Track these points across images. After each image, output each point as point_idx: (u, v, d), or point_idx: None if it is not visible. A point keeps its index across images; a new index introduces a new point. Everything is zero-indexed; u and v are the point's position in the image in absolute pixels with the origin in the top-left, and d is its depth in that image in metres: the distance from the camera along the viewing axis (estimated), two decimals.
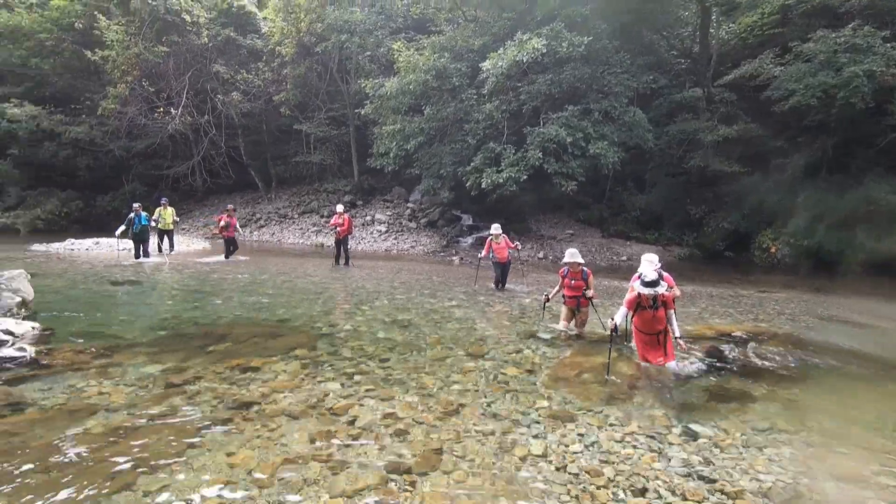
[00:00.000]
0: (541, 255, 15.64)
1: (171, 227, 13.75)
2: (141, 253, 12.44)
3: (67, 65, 21.84)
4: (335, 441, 3.52)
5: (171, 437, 3.50)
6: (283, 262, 13.66)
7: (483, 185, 14.45)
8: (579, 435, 3.74)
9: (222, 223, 13.10)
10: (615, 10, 16.50)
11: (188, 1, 20.34)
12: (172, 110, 20.49)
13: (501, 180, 13.94)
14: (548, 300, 6.90)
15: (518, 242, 10.77)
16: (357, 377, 4.79)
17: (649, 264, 5.33)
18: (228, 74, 20.85)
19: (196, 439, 3.49)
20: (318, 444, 3.48)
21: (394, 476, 3.12)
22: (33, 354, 4.71)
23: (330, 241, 18.84)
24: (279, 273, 11.51)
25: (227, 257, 13.27)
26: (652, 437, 3.74)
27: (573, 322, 6.64)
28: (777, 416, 4.19)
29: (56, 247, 15.14)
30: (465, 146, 15.82)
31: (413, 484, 3.03)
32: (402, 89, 15.86)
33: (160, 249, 13.74)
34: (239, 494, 2.88)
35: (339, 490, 2.95)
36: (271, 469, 3.14)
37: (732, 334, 6.68)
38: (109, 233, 17.78)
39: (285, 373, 4.84)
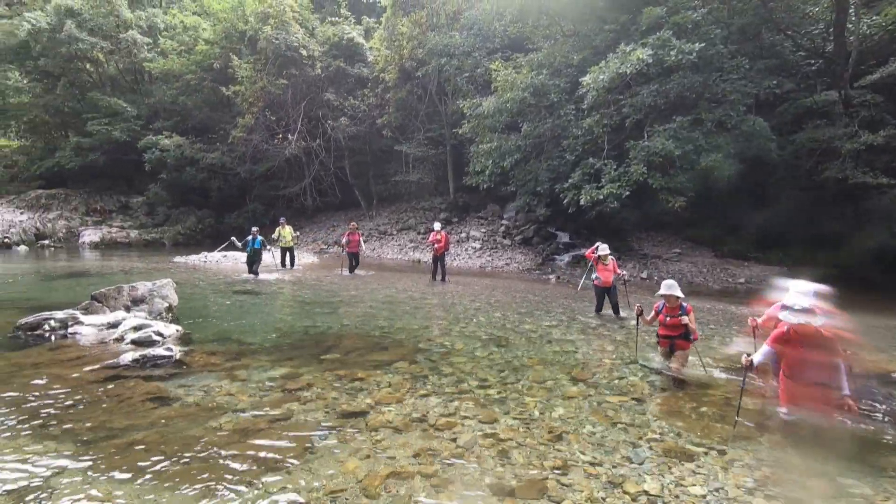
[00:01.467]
0: (644, 274, 14.71)
1: (292, 244, 14.93)
2: (251, 273, 13.21)
3: (206, 100, 25.10)
4: (438, 458, 3.54)
5: (289, 441, 3.75)
6: (382, 276, 14.26)
7: (582, 202, 14.01)
8: (700, 476, 3.40)
9: (344, 240, 14.05)
10: (731, 13, 15.30)
11: (305, 37, 22.46)
12: (289, 136, 22.60)
13: (602, 197, 13.41)
14: (640, 311, 5.92)
15: (624, 272, 9.88)
16: (457, 395, 4.80)
17: (802, 296, 3.97)
18: (338, 101, 22.58)
19: (311, 445, 3.70)
20: (421, 459, 3.53)
21: (498, 499, 3.05)
22: (178, 355, 5.35)
23: (426, 256, 19.37)
24: (381, 287, 12.04)
25: (350, 272, 14.04)
26: (791, 489, 3.28)
27: (672, 362, 5.82)
28: None
29: (192, 259, 17.24)
30: (562, 162, 15.50)
31: None
32: (500, 108, 16.00)
33: (283, 265, 14.87)
34: (350, 501, 2.99)
35: None
36: (379, 480, 3.23)
37: (893, 374, 5.71)
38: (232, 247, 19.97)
39: (389, 385, 5.00)
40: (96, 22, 24.29)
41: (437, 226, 13.06)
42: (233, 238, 13.63)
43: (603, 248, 8.90)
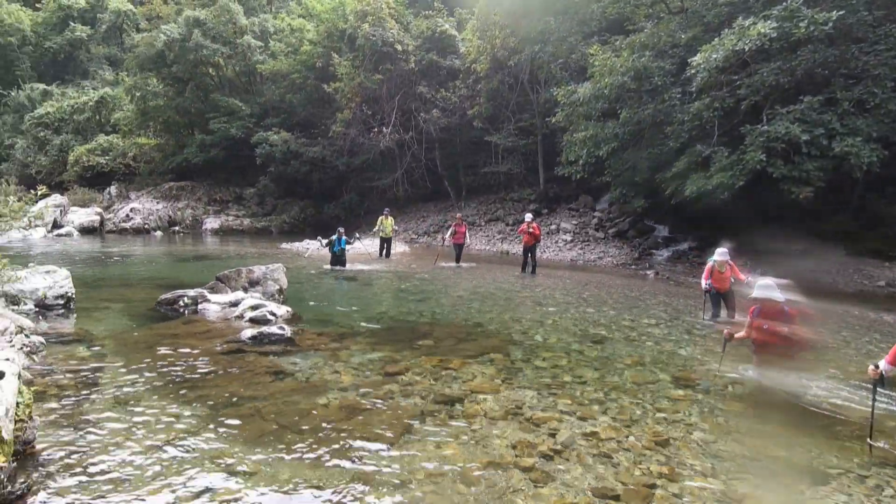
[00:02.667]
0: (758, 272, 13.31)
1: (391, 234, 15.46)
2: (335, 266, 13.02)
3: (309, 97, 26.78)
4: (536, 451, 3.49)
5: (390, 421, 3.90)
6: (472, 267, 14.31)
7: (686, 193, 12.97)
8: (838, 502, 3.01)
9: (450, 231, 14.24)
10: None
11: (400, 32, 23.07)
12: (384, 129, 23.43)
13: (710, 187, 12.30)
14: (730, 337, 5.17)
15: (750, 276, 8.10)
16: (553, 389, 4.70)
17: None
18: (430, 94, 22.97)
19: (409, 427, 3.83)
20: (519, 451, 3.50)
21: (601, 502, 2.94)
22: (289, 333, 5.80)
23: (514, 248, 19.18)
24: (471, 278, 12.13)
25: (457, 262, 14.22)
26: None
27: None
28: None
29: (296, 245, 18.59)
30: (664, 150, 14.43)
31: None
32: (596, 94, 15.26)
33: (381, 255, 15.43)
34: (447, 486, 3.05)
35: (543, 502, 2.90)
36: (477, 468, 3.26)
37: None
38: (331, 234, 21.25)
39: (483, 375, 5.02)
40: (218, 30, 26.85)
41: (528, 216, 12.84)
42: (319, 238, 14.18)
43: (720, 254, 7.59)
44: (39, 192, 5.08)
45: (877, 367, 3.65)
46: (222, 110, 26.83)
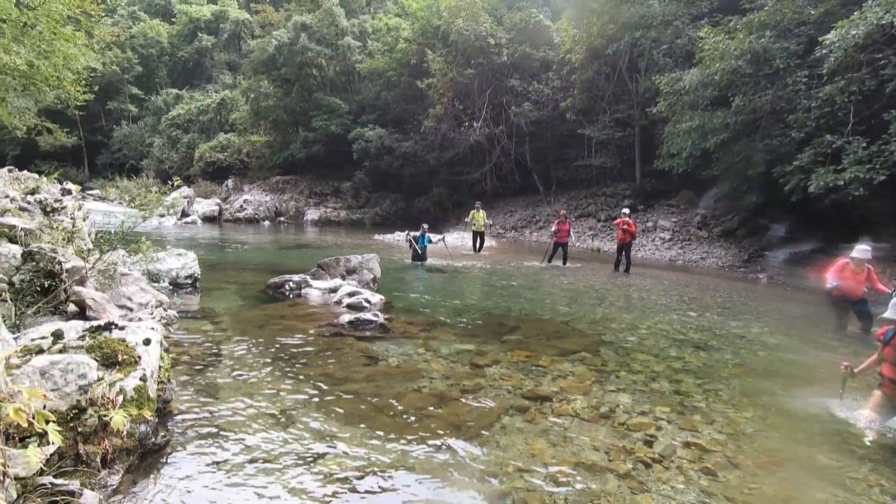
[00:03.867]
0: None
1: (483, 228, 15.40)
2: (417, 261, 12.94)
3: (403, 94, 27.61)
4: (632, 458, 3.34)
5: (479, 413, 3.94)
6: (577, 269, 13.95)
7: (811, 189, 11.54)
8: None
9: (553, 228, 13.21)
10: None
11: (493, 25, 22.95)
12: (474, 123, 23.53)
13: (842, 182, 10.82)
14: (850, 373, 4.16)
15: (891, 289, 7.19)
16: (649, 395, 4.46)
17: None
18: (521, 87, 22.65)
19: (498, 420, 3.83)
20: (613, 456, 3.36)
21: None
22: (382, 320, 6.06)
23: (605, 245, 18.39)
24: (559, 274, 11.84)
25: (564, 262, 13.08)
26: None
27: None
28: None
29: (388, 237, 19.34)
30: (784, 141, 12.94)
31: None
32: (705, 81, 14.05)
33: (474, 249, 15.49)
34: (537, 482, 3.02)
35: None
36: (568, 468, 3.19)
37: None
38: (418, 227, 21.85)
39: (573, 375, 4.89)
40: (321, 33, 28.59)
41: (624, 212, 12.24)
42: (408, 232, 13.82)
43: (860, 251, 6.52)
44: (175, 184, 5.76)
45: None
46: (323, 108, 28.56)
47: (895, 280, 11.30)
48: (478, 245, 15.47)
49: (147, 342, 3.17)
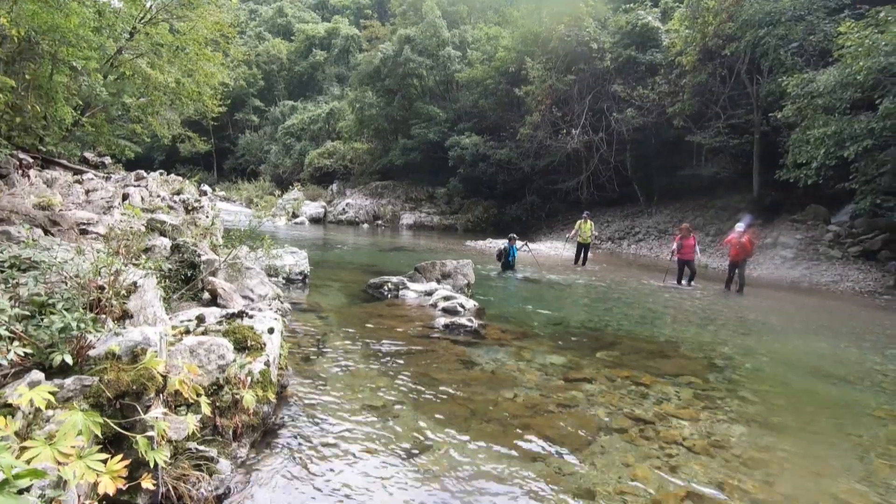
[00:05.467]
0: None
1: (589, 240, 14.57)
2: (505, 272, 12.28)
3: (500, 102, 27.75)
4: (749, 497, 3.04)
5: (575, 429, 3.82)
6: (654, 277, 13.10)
7: None
8: None
9: (675, 244, 12.05)
10: None
11: (597, 30, 22.27)
12: (573, 131, 22.96)
13: None
14: None
15: None
16: (770, 429, 4.03)
17: None
18: (625, 92, 21.67)
19: (597, 438, 3.69)
20: (727, 492, 3.09)
21: None
22: (476, 326, 6.12)
23: (715, 262, 16.97)
24: (662, 290, 11.13)
25: (682, 282, 11.84)
26: None
27: None
28: None
29: (480, 244, 19.48)
30: None
31: None
32: (844, 81, 12.43)
33: (576, 262, 14.67)
34: None
35: None
36: (673, 497, 2.99)
37: None
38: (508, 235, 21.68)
39: (678, 398, 4.57)
40: (424, 44, 29.71)
41: (739, 227, 11.21)
42: (497, 250, 12.88)
43: None
44: (297, 188, 6.31)
45: None
46: (422, 117, 29.58)
47: None
48: (581, 258, 14.77)
49: (271, 331, 3.50)
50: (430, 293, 7.60)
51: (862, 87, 12.37)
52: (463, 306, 6.84)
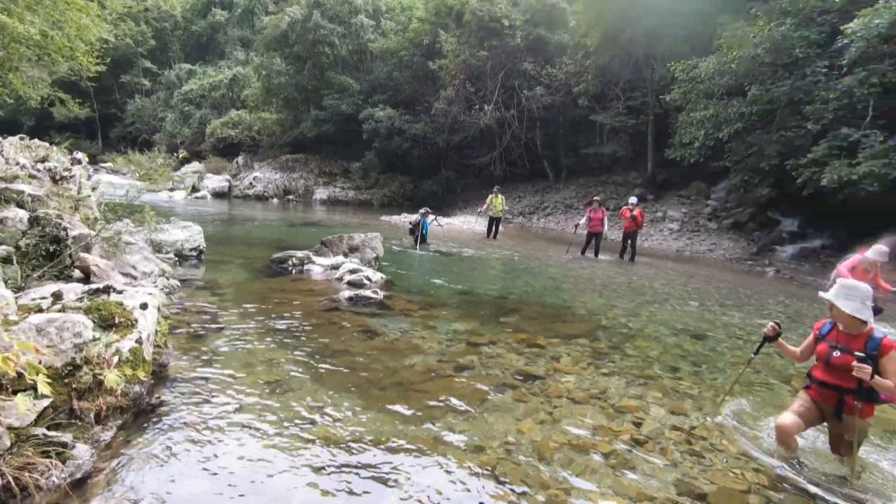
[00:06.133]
0: None
1: (500, 214, 14.97)
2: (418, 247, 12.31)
3: (415, 75, 27.34)
4: (618, 439, 3.37)
5: (471, 389, 3.98)
6: (559, 249, 13.89)
7: (824, 183, 11.34)
8: None
9: (584, 219, 12.34)
10: None
11: (508, 6, 22.54)
12: (485, 107, 23.28)
13: (856, 176, 10.63)
14: (773, 336, 3.36)
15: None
16: (643, 379, 4.48)
17: None
18: (535, 70, 22.31)
19: (489, 397, 3.88)
20: (599, 435, 3.40)
21: (688, 500, 2.77)
22: (381, 298, 6.11)
23: (614, 234, 18.28)
24: (564, 261, 11.81)
25: (587, 253, 12.53)
26: None
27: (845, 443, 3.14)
28: None
29: (394, 219, 19.35)
30: (800, 133, 12.70)
31: None
32: (721, 69, 13.77)
33: (489, 235, 15.09)
34: (522, 458, 3.06)
35: (622, 490, 2.80)
36: (554, 445, 3.23)
37: None
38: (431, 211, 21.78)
39: (568, 356, 4.92)
40: (335, 10, 28.29)
41: (632, 200, 12.12)
42: (409, 224, 13.04)
43: (879, 253, 6.18)
44: (181, 156, 5.79)
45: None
46: (335, 87, 28.39)
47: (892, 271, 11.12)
48: (493, 231, 15.18)
49: (144, 306, 3.23)
50: (336, 267, 7.44)
51: (736, 74, 13.77)
52: (369, 279, 6.78)
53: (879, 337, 2.91)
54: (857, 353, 2.84)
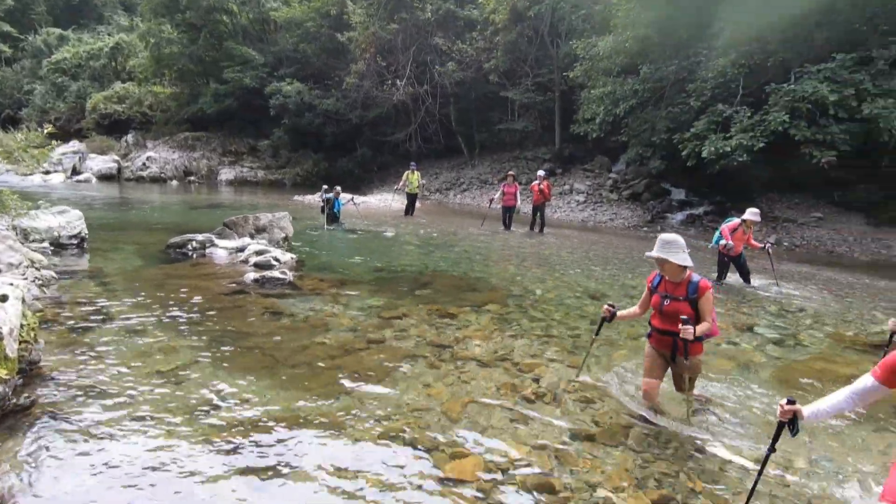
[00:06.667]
0: (771, 239, 13.08)
1: (417, 191, 14.81)
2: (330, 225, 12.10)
3: (324, 47, 26.15)
4: (520, 394, 3.60)
5: (382, 361, 4.04)
6: (474, 223, 14.23)
7: (704, 155, 12.58)
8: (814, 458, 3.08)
9: (498, 193, 12.77)
10: None
11: None
12: (398, 82, 22.91)
13: (728, 148, 11.90)
14: (609, 315, 3.56)
15: (769, 243, 8.26)
16: (545, 339, 4.79)
17: None
18: (446, 45, 22.24)
19: (401, 367, 3.96)
20: (503, 392, 3.61)
21: (576, 441, 3.04)
22: (291, 278, 5.93)
23: (526, 207, 19.05)
24: (478, 234, 12.13)
25: (506, 227, 12.93)
26: None
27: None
28: None
29: (308, 198, 18.66)
30: (685, 109, 13.93)
31: (594, 454, 2.91)
32: (617, 48, 14.64)
33: (406, 212, 14.92)
34: (431, 421, 3.18)
35: (521, 439, 3.02)
36: (460, 406, 3.38)
37: None
38: (346, 190, 21.17)
39: (478, 324, 5.12)
40: None
41: (540, 173, 12.64)
42: (322, 195, 12.77)
43: (753, 214, 7.18)
44: (47, 132, 5.12)
45: (792, 402, 2.04)
46: (236, 59, 26.40)
47: (767, 239, 12.73)
48: (410, 208, 15.06)
49: (4, 299, 2.88)
50: (241, 249, 7.08)
51: (630, 53, 14.70)
52: (278, 260, 6.54)
53: (697, 280, 3.21)
54: (682, 316, 3.07)
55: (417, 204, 15.75)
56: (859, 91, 10.89)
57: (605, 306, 3.56)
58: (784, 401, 2.05)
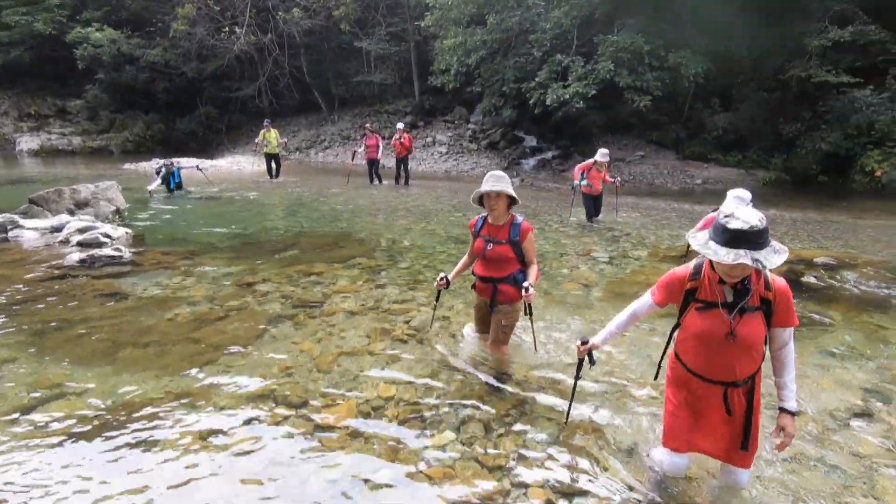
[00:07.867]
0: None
1: (277, 150, 13.54)
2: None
3: None
4: (390, 337, 3.73)
5: (246, 328, 3.85)
6: (338, 180, 13.87)
7: (547, 103, 13.62)
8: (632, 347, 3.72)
9: (361, 148, 12.60)
10: None
11: None
12: (237, 29, 20.58)
13: (567, 96, 13.04)
14: (445, 285, 3.29)
15: (619, 177, 9.07)
16: (413, 285, 4.96)
17: (739, 202, 3.82)
18: None
19: (267, 330, 3.82)
20: (372, 338, 3.71)
21: (446, 370, 3.28)
22: (128, 255, 5.25)
23: (390, 161, 18.97)
24: (342, 191, 11.84)
25: (372, 181, 12.77)
26: None
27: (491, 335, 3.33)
28: (855, 342, 3.89)
29: (143, 165, 16.34)
30: (529, 60, 14.80)
31: (461, 380, 3.18)
32: None
33: (270, 174, 13.74)
34: (302, 377, 3.16)
35: (392, 378, 3.16)
36: (331, 357, 3.41)
37: (814, 260, 6.15)
38: (186, 154, 18.87)
39: (346, 278, 5.11)
40: None
41: (399, 126, 12.59)
42: (155, 169, 11.58)
43: (602, 155, 7.91)
44: None
45: (585, 342, 2.26)
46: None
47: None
48: (273, 170, 13.84)
49: None
50: (59, 228, 6.02)
51: (477, 3, 14.98)
52: (108, 236, 5.71)
53: (519, 222, 3.02)
54: (525, 284, 2.93)
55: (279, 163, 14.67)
56: (666, 42, 12.57)
57: (437, 280, 3.27)
58: (578, 341, 2.27)
